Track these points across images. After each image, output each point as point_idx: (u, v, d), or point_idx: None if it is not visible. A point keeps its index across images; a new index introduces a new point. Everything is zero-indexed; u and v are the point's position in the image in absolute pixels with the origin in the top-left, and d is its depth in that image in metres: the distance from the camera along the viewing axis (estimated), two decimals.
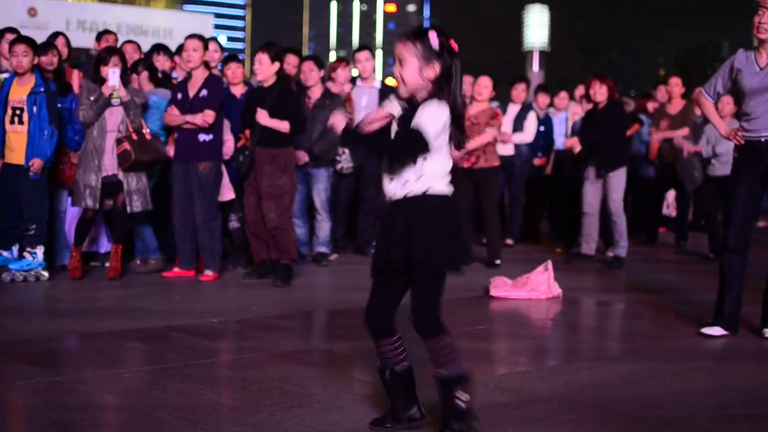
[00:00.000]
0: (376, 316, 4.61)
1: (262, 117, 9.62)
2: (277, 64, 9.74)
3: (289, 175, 9.74)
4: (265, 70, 9.75)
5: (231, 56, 11.06)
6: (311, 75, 11.14)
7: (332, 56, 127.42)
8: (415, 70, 4.36)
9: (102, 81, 9.61)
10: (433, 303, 4.44)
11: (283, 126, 9.61)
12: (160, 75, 10.93)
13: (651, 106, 14.51)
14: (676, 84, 13.68)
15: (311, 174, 11.15)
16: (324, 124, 10.93)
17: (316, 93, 11.19)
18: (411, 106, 4.42)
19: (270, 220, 9.68)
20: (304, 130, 9.89)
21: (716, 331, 7.42)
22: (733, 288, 7.43)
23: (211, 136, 9.81)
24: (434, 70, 4.35)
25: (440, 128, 4.33)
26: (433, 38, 4.34)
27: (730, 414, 5.21)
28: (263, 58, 9.73)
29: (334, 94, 11.34)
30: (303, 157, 10.88)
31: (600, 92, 11.38)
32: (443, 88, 4.36)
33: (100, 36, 11.66)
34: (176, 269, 10.08)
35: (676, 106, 13.57)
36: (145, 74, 10.54)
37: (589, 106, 11.95)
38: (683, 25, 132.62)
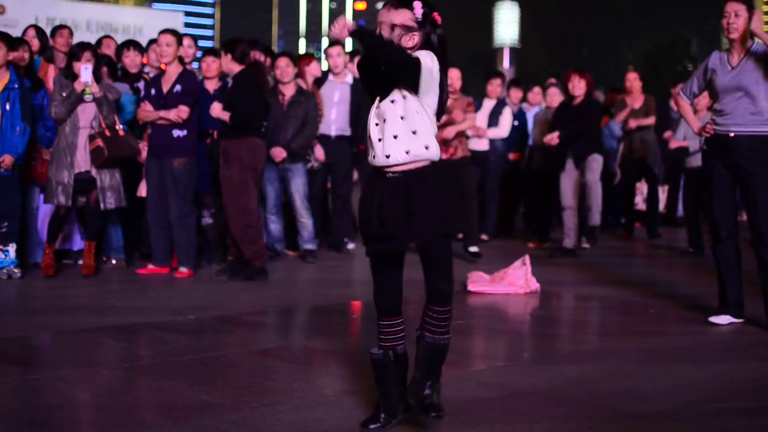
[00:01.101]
0: (388, 294, 4.51)
1: (214, 108, 9.66)
2: (228, 57, 9.74)
3: (238, 168, 9.60)
4: (223, 63, 9.93)
5: (209, 50, 10.98)
6: (288, 71, 11.07)
7: (302, 50, 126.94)
8: (395, 37, 4.35)
9: (75, 77, 9.51)
10: (452, 271, 4.43)
11: (226, 117, 9.59)
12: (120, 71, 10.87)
13: (632, 123, 14.50)
14: (634, 78, 13.90)
15: (288, 169, 11.06)
16: (299, 120, 10.89)
17: (290, 90, 11.12)
18: None
19: (227, 215, 9.71)
20: (243, 120, 9.62)
21: (724, 319, 7.57)
22: (732, 276, 7.59)
23: (185, 132, 9.74)
24: (413, 39, 4.35)
25: (430, 63, 4.30)
26: (417, 7, 4.32)
27: (715, 407, 5.17)
28: (222, 52, 9.93)
29: (308, 91, 11.29)
30: (280, 153, 10.82)
31: (578, 86, 11.55)
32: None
33: (54, 32, 11.54)
34: (150, 266, 10.01)
35: (638, 100, 13.69)
36: (104, 69, 10.41)
37: (559, 98, 12.06)
38: (653, 22, 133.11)
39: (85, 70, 9.41)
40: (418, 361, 4.44)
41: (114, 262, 10.34)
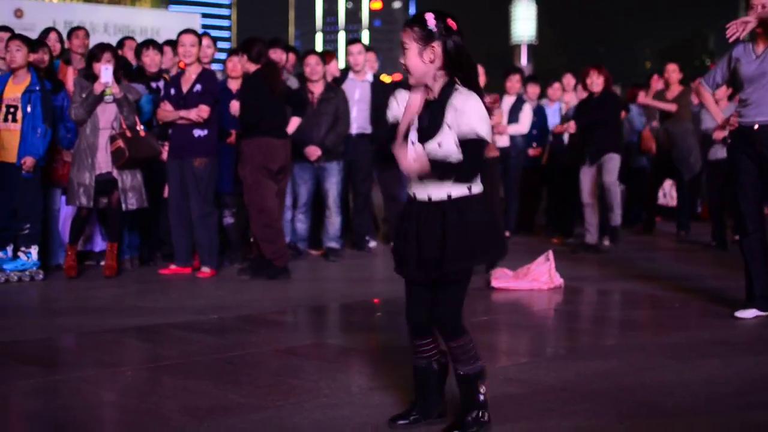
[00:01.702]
0: (418, 312, 4.46)
1: (233, 107, 9.85)
2: (245, 57, 9.75)
3: (251, 167, 9.61)
4: (242, 63, 9.92)
5: (235, 49, 10.96)
6: (317, 69, 11.04)
7: (318, 48, 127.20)
8: (416, 55, 4.29)
9: (94, 78, 9.50)
10: (459, 307, 4.39)
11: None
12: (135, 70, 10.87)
13: (641, 95, 14.37)
14: (673, 70, 13.55)
15: (324, 168, 11.05)
16: (331, 117, 10.87)
17: (319, 88, 11.09)
18: (435, 100, 4.32)
19: (249, 214, 9.79)
20: (248, 120, 9.64)
21: (751, 313, 7.50)
22: (759, 269, 7.52)
23: (206, 131, 9.72)
24: (434, 51, 4.27)
25: (488, 121, 4.27)
26: (430, 19, 4.27)
27: (745, 401, 5.11)
28: (239, 52, 10.01)
29: (337, 88, 11.25)
30: (315, 152, 10.81)
31: (597, 82, 11.50)
32: (455, 69, 4.30)
33: (70, 33, 11.55)
34: (173, 266, 9.99)
35: (673, 92, 13.45)
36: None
37: (583, 94, 11.98)
38: (669, 18, 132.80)
39: (105, 71, 9.39)
40: (459, 392, 4.47)
41: (127, 258, 10.30)
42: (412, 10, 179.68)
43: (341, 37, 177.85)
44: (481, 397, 4.43)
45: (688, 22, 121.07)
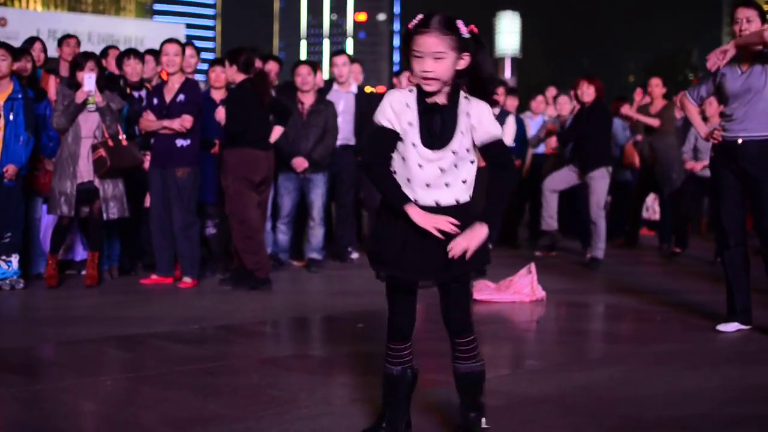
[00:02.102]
0: (404, 318, 4.43)
1: (219, 114, 9.77)
2: (234, 67, 9.72)
3: (233, 177, 9.59)
4: (227, 72, 9.94)
5: (218, 59, 10.95)
6: (308, 79, 11.01)
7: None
8: (453, 64, 4.19)
9: (78, 86, 9.47)
10: (470, 302, 4.47)
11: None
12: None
13: (625, 107, 14.35)
14: (656, 84, 13.54)
15: (310, 179, 11.02)
16: (320, 129, 10.85)
17: (310, 99, 11.06)
18: (444, 106, 4.26)
19: (229, 224, 9.77)
20: (233, 131, 9.59)
21: (733, 326, 7.53)
22: (740, 283, 7.54)
23: (188, 141, 9.70)
24: (465, 60, 4.21)
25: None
26: (462, 27, 4.18)
27: (728, 414, 5.12)
28: (226, 62, 9.94)
29: (328, 101, 11.22)
30: (302, 164, 10.79)
31: (587, 92, 11.50)
32: (476, 78, 4.27)
33: (61, 41, 11.54)
34: (154, 276, 9.96)
35: (656, 106, 13.45)
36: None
37: (569, 107, 12.08)
38: (653, 33, 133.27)
39: (88, 80, 9.36)
40: (459, 394, 4.44)
41: (106, 269, 10.25)
42: (396, 24, 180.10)
43: (326, 48, 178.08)
44: (483, 400, 4.42)
45: (672, 37, 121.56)
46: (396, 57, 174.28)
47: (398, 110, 4.24)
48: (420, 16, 4.21)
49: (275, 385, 5.66)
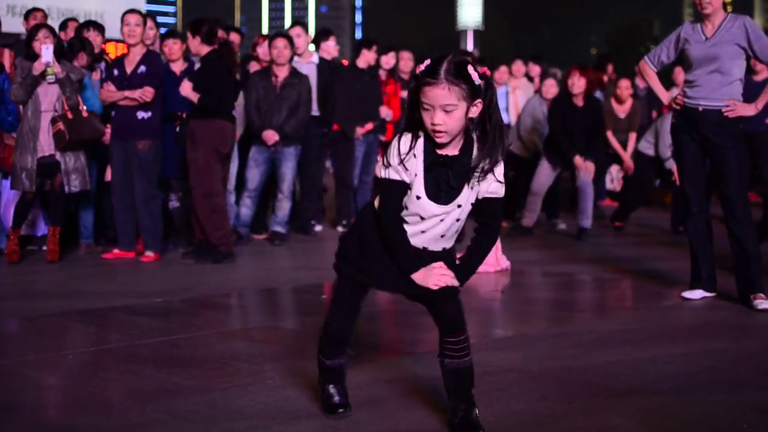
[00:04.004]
0: (348, 325, 4.44)
1: (184, 87, 9.54)
2: (198, 38, 9.61)
3: (204, 150, 9.47)
4: (191, 44, 9.78)
5: (169, 32, 10.84)
6: (284, 53, 10.88)
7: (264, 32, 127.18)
8: (463, 114, 3.97)
9: (35, 58, 9.34)
10: (460, 300, 4.32)
11: (195, 98, 9.48)
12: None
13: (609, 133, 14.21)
14: (626, 87, 13.47)
15: (281, 152, 10.93)
16: (293, 102, 10.77)
17: (284, 72, 10.95)
18: (456, 157, 4.09)
19: (193, 197, 9.63)
20: (211, 105, 9.48)
21: (698, 294, 7.57)
22: (704, 250, 7.57)
23: (149, 114, 9.60)
24: (478, 107, 3.98)
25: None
26: (473, 72, 3.92)
27: (695, 381, 5.13)
28: (188, 33, 9.78)
29: (301, 74, 11.11)
30: (273, 136, 10.71)
31: (578, 84, 11.31)
32: (488, 123, 4.03)
33: (27, 14, 11.42)
34: (116, 250, 9.86)
35: (626, 107, 13.44)
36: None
37: (555, 90, 12.02)
38: (614, 4, 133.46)
39: (46, 50, 9.22)
40: (447, 389, 4.35)
41: (84, 246, 10.16)
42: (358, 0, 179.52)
43: (287, 22, 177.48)
44: (474, 391, 4.36)
45: (633, 8, 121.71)
46: (358, 33, 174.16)
47: (405, 159, 4.05)
48: (427, 62, 3.99)
49: (240, 357, 5.63)
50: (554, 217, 12.57)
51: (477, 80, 3.92)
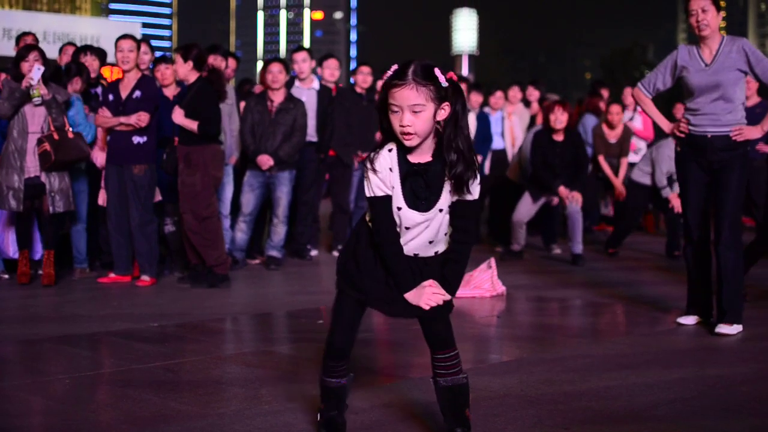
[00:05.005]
0: (347, 336, 4.39)
1: (176, 115, 9.50)
2: (190, 63, 9.59)
3: (201, 174, 9.48)
4: (180, 70, 9.69)
5: (161, 57, 10.87)
6: (279, 77, 10.92)
7: (259, 65, 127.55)
8: (432, 116, 4.02)
9: (22, 78, 9.35)
10: (449, 318, 4.37)
11: (193, 126, 9.44)
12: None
13: (601, 158, 14.22)
14: (617, 113, 13.59)
15: (276, 177, 10.95)
16: (288, 127, 10.78)
17: (279, 96, 10.99)
18: (429, 163, 4.12)
19: (185, 222, 9.57)
20: (214, 132, 9.59)
21: (691, 320, 7.58)
22: (701, 278, 7.56)
23: (145, 138, 9.62)
24: (446, 110, 4.04)
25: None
26: (441, 76, 4.01)
27: (691, 406, 5.12)
28: (177, 58, 9.72)
29: (297, 99, 11.14)
30: (267, 161, 10.72)
31: (560, 119, 11.37)
32: (455, 127, 4.06)
33: (18, 38, 11.45)
34: (112, 275, 9.87)
35: (617, 132, 13.55)
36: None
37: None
38: (609, 28, 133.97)
39: (37, 71, 9.24)
40: (442, 409, 4.36)
41: (78, 272, 10.16)
42: (353, 20, 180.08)
43: (282, 46, 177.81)
44: (469, 413, 4.37)
45: (627, 33, 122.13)
46: (353, 52, 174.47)
47: (383, 176, 4.09)
48: (395, 67, 4.05)
49: (236, 382, 5.63)
50: (551, 242, 12.60)
51: (443, 82, 4.01)
